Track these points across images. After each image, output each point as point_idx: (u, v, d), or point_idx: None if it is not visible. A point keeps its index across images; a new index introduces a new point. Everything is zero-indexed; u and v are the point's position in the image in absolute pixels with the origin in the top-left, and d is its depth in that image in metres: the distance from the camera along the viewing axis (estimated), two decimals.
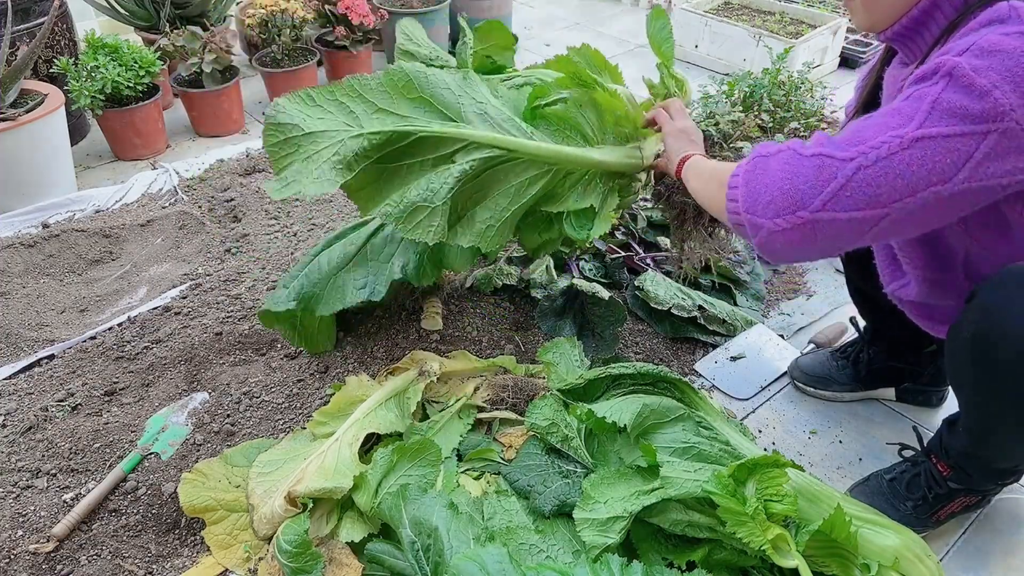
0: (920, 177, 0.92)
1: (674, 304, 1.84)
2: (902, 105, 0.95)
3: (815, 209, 0.95)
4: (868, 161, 0.93)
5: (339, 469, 1.35)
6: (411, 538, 1.21)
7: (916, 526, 1.34)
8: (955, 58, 0.92)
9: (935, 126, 0.91)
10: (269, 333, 1.86)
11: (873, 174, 0.93)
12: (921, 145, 0.91)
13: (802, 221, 0.96)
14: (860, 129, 0.97)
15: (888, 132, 0.93)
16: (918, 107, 0.93)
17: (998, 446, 1.22)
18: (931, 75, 0.94)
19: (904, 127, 0.92)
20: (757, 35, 3.21)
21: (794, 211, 0.96)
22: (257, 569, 1.31)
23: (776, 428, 1.65)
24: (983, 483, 1.33)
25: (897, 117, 0.94)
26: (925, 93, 0.93)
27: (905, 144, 0.91)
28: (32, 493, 1.46)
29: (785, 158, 1.00)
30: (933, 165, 0.91)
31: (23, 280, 2.11)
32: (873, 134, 0.94)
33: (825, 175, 0.95)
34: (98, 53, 2.58)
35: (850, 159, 0.93)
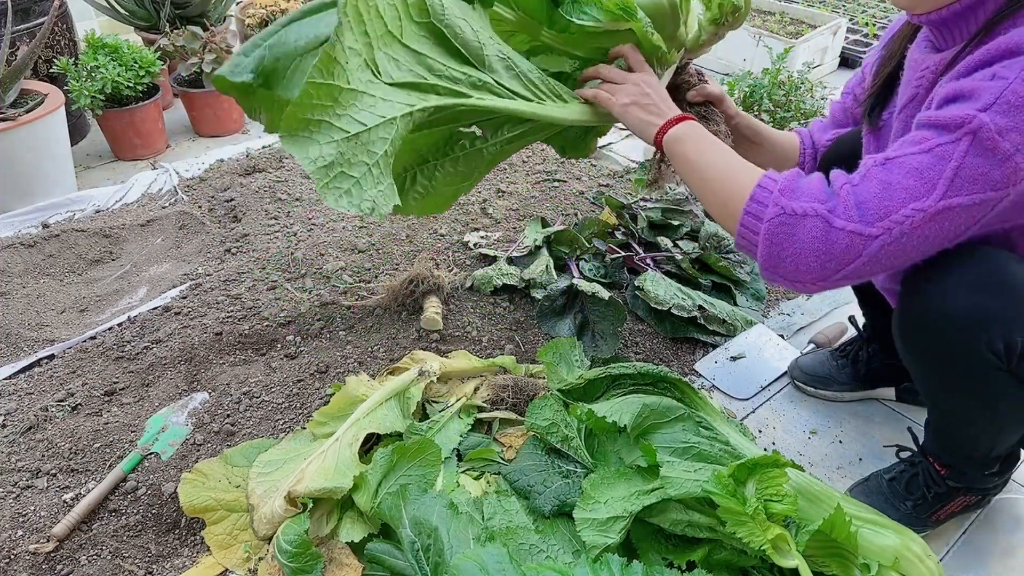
0: (935, 243, 0.99)
1: (674, 304, 1.84)
2: (924, 163, 0.96)
3: (836, 280, 1.02)
4: (891, 238, 0.97)
5: (339, 469, 1.35)
6: (411, 538, 1.21)
7: (916, 526, 1.34)
8: (981, 114, 0.92)
9: (956, 196, 0.94)
10: (269, 333, 1.86)
11: (896, 248, 0.98)
12: (941, 217, 0.96)
13: (821, 287, 1.04)
14: (884, 190, 0.98)
15: (912, 203, 0.96)
16: (941, 171, 0.95)
17: (957, 429, 1.25)
18: (955, 128, 0.95)
19: (927, 197, 0.95)
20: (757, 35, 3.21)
21: (815, 281, 1.02)
22: (257, 569, 1.31)
23: (776, 428, 1.65)
24: (977, 478, 1.34)
25: (919, 181, 0.96)
26: (948, 153, 0.95)
27: (927, 218, 0.96)
28: (32, 493, 1.46)
29: (815, 230, 1.00)
30: (949, 230, 0.97)
31: (23, 280, 2.11)
32: (898, 203, 0.97)
33: (852, 253, 0.99)
34: (98, 53, 2.58)
35: (876, 236, 0.97)
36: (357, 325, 1.89)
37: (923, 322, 1.12)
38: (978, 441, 1.25)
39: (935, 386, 1.21)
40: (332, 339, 1.85)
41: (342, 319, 1.91)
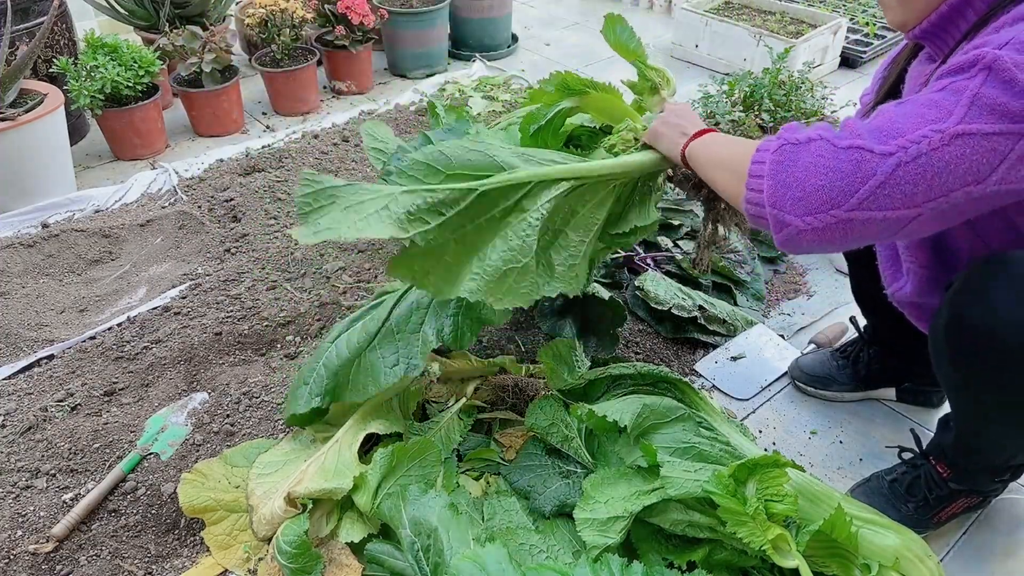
0: (957, 176, 0.89)
1: (674, 304, 1.84)
2: (938, 97, 0.91)
3: (850, 208, 0.91)
4: (908, 157, 0.89)
5: (339, 470, 1.35)
6: (411, 539, 1.21)
7: (917, 527, 1.34)
8: (996, 51, 0.88)
9: (975, 122, 0.88)
10: (269, 333, 1.86)
11: (912, 171, 0.89)
12: (960, 142, 0.88)
13: (835, 220, 0.92)
14: (896, 117, 0.92)
15: (927, 126, 0.89)
16: (957, 100, 0.89)
17: (986, 439, 1.23)
18: (969, 67, 0.90)
19: (944, 121, 0.88)
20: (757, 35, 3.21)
21: (827, 210, 0.91)
22: (257, 569, 1.31)
23: (776, 428, 1.65)
24: (983, 482, 1.33)
25: (935, 110, 0.90)
26: (964, 86, 0.90)
27: (946, 140, 0.88)
28: (32, 493, 1.45)
29: (818, 149, 0.93)
30: (970, 164, 0.88)
31: (23, 280, 2.11)
32: (912, 125, 0.90)
33: (863, 171, 0.90)
34: (98, 53, 2.58)
35: (889, 154, 0.89)
36: None
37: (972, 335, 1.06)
38: (1005, 452, 1.25)
39: (976, 399, 1.16)
40: None
41: (342, 319, 1.90)
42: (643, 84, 1.49)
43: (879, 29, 3.62)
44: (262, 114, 3.14)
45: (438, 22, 3.39)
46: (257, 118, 3.10)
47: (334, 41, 3.14)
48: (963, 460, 1.31)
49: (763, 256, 2.14)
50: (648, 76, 1.47)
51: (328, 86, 3.32)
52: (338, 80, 3.27)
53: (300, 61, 3.04)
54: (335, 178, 1.10)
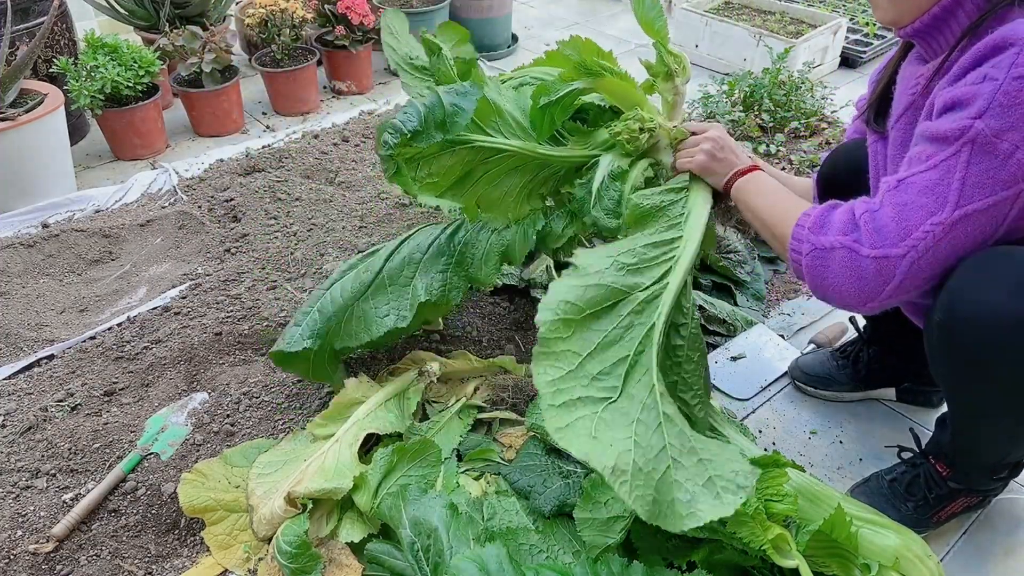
0: (965, 248, 1.03)
1: None
2: (931, 180, 1.01)
3: (883, 299, 1.06)
4: (918, 254, 1.02)
5: (339, 470, 1.35)
6: (411, 538, 1.21)
7: (917, 527, 1.34)
8: (977, 122, 0.97)
9: (969, 203, 0.99)
10: (269, 333, 1.86)
11: (926, 262, 1.03)
12: (961, 224, 1.00)
13: (871, 308, 1.09)
14: (899, 212, 1.03)
15: (928, 220, 1.01)
16: (949, 184, 1.00)
17: (982, 435, 1.23)
18: (954, 140, 0.99)
19: (941, 212, 1.00)
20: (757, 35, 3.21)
21: (864, 304, 1.08)
22: (257, 569, 1.31)
23: (776, 428, 1.65)
24: (982, 481, 1.33)
25: (931, 198, 1.01)
26: (952, 165, 0.99)
27: (947, 229, 1.00)
28: (32, 493, 1.45)
29: (845, 260, 1.07)
30: (975, 234, 1.02)
31: (23, 280, 2.11)
32: (916, 222, 1.02)
33: (884, 276, 1.04)
34: (98, 53, 2.58)
35: (903, 256, 1.02)
36: None
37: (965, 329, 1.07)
38: (1001, 448, 1.25)
39: (971, 395, 1.17)
40: None
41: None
42: (660, 67, 1.48)
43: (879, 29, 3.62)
44: (262, 114, 3.14)
45: (438, 22, 3.38)
46: (257, 118, 3.10)
47: (334, 41, 3.14)
48: (961, 458, 1.31)
49: (763, 256, 2.14)
50: (666, 60, 1.46)
51: (328, 86, 3.32)
52: (338, 80, 3.27)
53: (300, 61, 3.04)
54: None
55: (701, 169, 1.37)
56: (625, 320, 1.12)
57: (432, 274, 1.53)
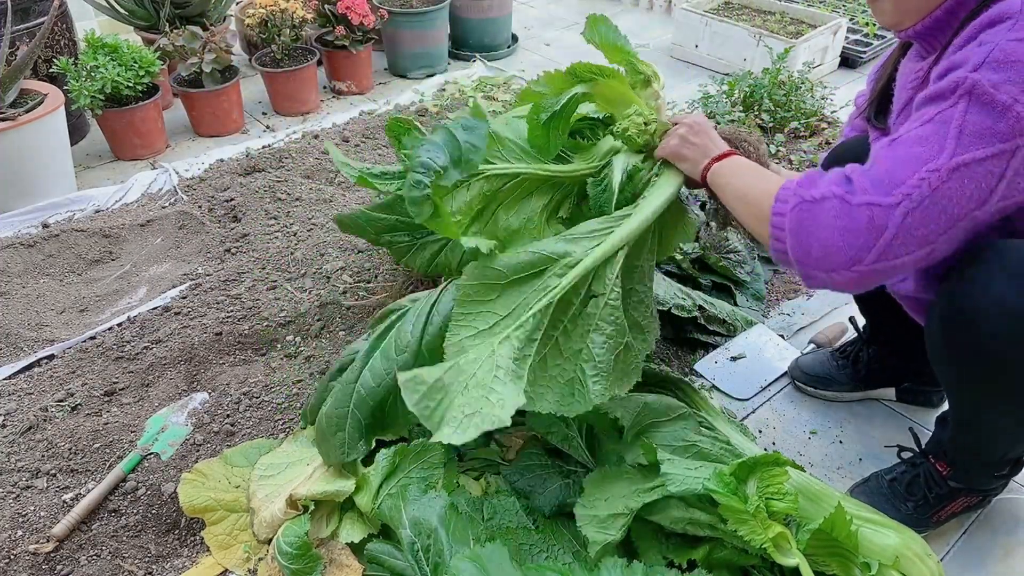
0: (961, 206, 0.96)
1: (674, 304, 1.84)
2: (927, 131, 0.97)
3: (871, 262, 0.98)
4: (913, 203, 0.96)
5: (341, 472, 1.35)
6: (411, 539, 1.21)
7: (917, 526, 1.34)
8: (972, 74, 0.94)
9: (966, 151, 0.94)
10: (269, 333, 1.86)
11: (920, 216, 0.96)
12: (958, 174, 0.94)
13: (859, 274, 1.00)
14: (893, 164, 0.98)
15: (923, 167, 0.96)
16: (945, 133, 0.95)
17: (982, 431, 1.23)
18: (950, 94, 0.96)
19: (937, 159, 0.95)
20: (757, 35, 3.21)
21: (850, 267, 0.99)
22: (257, 569, 1.31)
23: (776, 428, 1.65)
24: (982, 480, 1.33)
25: (926, 147, 0.96)
26: (949, 116, 0.96)
27: (943, 177, 0.95)
28: (32, 493, 1.45)
29: (834, 209, 1.00)
30: (971, 191, 0.95)
31: (23, 280, 2.11)
32: (910, 170, 0.96)
33: (876, 226, 0.97)
34: (98, 53, 2.58)
35: (896, 204, 0.96)
36: (357, 325, 1.89)
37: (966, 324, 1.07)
38: (1002, 445, 1.25)
39: (971, 390, 1.17)
40: (332, 339, 1.84)
41: (342, 319, 1.91)
42: (635, 78, 1.48)
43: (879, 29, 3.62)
44: (262, 114, 3.14)
45: (438, 22, 3.39)
46: (257, 118, 3.10)
47: (334, 41, 3.14)
48: (961, 456, 1.31)
49: (763, 256, 2.14)
50: (640, 69, 1.46)
51: (328, 86, 3.32)
52: (338, 80, 3.27)
53: (300, 61, 3.04)
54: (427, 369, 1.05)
55: (673, 154, 1.33)
56: (544, 283, 1.17)
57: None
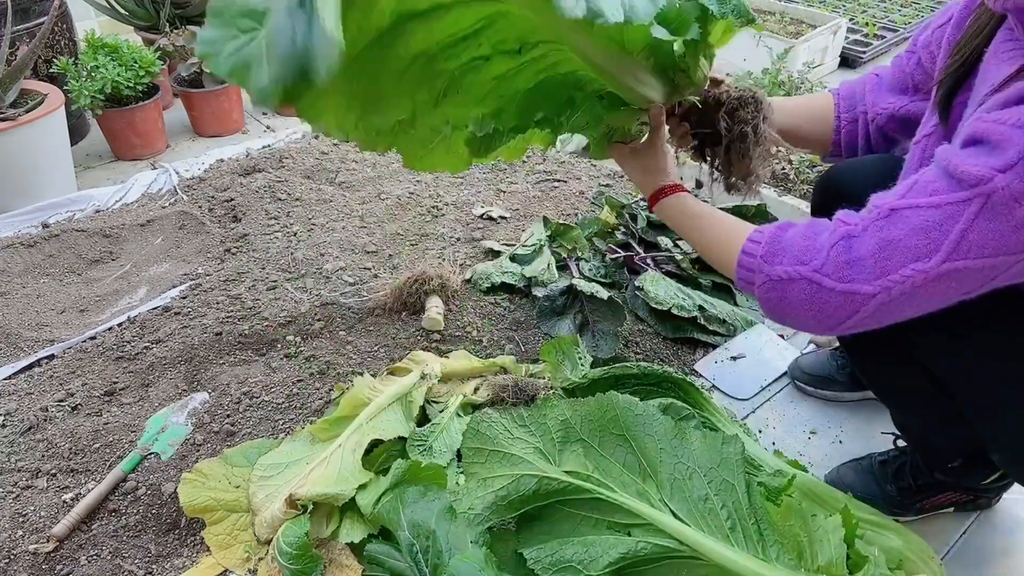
0: (941, 300, 0.92)
1: (674, 304, 1.84)
2: (931, 220, 0.88)
3: (844, 329, 0.97)
4: (890, 297, 0.91)
5: (342, 475, 1.35)
6: (409, 540, 1.21)
7: (898, 509, 1.38)
8: (999, 177, 0.83)
9: (961, 259, 0.87)
10: (269, 333, 1.86)
11: (895, 307, 0.92)
12: (945, 279, 0.88)
13: (833, 334, 1.06)
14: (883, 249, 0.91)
15: (911, 264, 0.89)
16: (947, 233, 0.87)
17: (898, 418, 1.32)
18: (968, 186, 0.86)
19: (929, 259, 0.88)
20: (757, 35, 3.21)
21: (824, 333, 1.05)
22: (257, 569, 1.31)
23: (776, 428, 1.65)
24: (960, 476, 1.34)
25: (922, 241, 0.88)
26: (958, 214, 0.86)
27: (930, 280, 0.89)
28: (32, 493, 1.45)
29: (803, 292, 0.96)
30: (955, 291, 0.90)
31: (23, 280, 2.11)
32: (896, 264, 0.90)
33: (849, 309, 0.94)
34: (98, 53, 2.58)
35: (873, 295, 0.92)
36: (357, 325, 1.89)
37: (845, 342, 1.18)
38: (920, 432, 1.29)
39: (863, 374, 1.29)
40: (332, 339, 1.84)
41: (342, 319, 1.91)
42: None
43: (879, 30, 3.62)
44: (262, 114, 3.14)
45: None
46: (257, 118, 3.10)
47: None
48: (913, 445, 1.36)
49: None
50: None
51: None
52: None
53: None
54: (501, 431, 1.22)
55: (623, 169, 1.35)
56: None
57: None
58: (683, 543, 1.12)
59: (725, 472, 1.17)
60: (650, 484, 1.19)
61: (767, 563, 1.09)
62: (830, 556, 1.08)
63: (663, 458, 1.20)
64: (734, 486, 1.16)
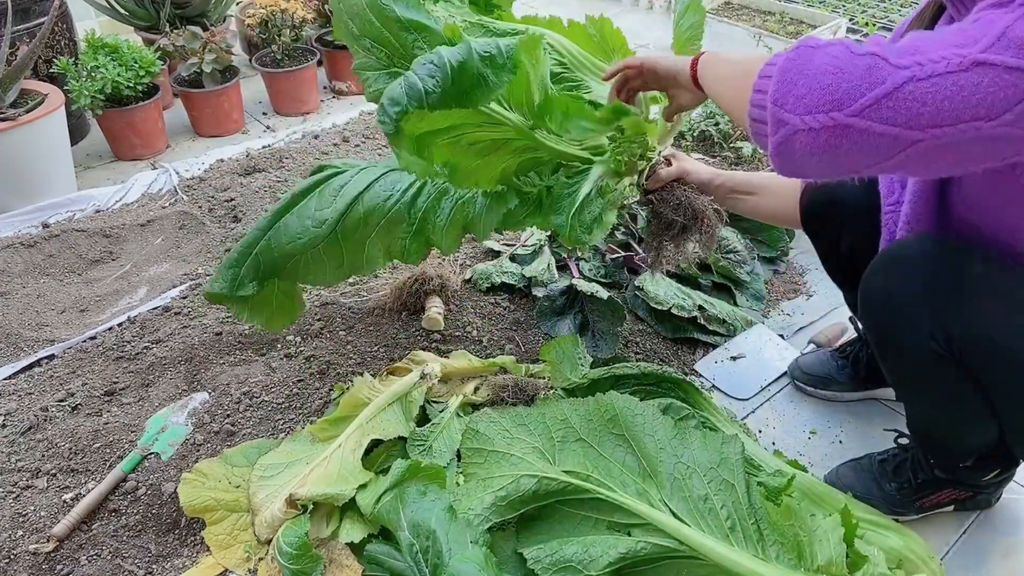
0: (968, 105, 0.83)
1: (674, 304, 1.84)
2: (969, 27, 0.85)
3: (852, 113, 0.85)
4: (922, 73, 0.83)
5: (342, 475, 1.35)
6: (409, 540, 1.21)
7: (897, 507, 1.38)
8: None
9: (1000, 54, 0.81)
10: (269, 333, 1.86)
11: (922, 89, 0.83)
12: (979, 71, 0.82)
13: (834, 123, 0.86)
14: (920, 40, 0.87)
15: (949, 48, 0.83)
16: (986, 31, 0.83)
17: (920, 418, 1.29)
18: (1008, 2, 0.84)
19: (967, 47, 0.83)
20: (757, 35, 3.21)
21: (829, 111, 0.86)
22: (257, 569, 1.31)
23: (776, 428, 1.65)
24: (959, 471, 1.34)
25: (961, 36, 0.84)
26: (997, 19, 0.84)
27: (964, 65, 0.82)
28: (32, 493, 1.45)
29: (835, 53, 0.88)
30: (985, 95, 0.82)
31: (23, 280, 2.11)
32: (934, 48, 0.84)
33: (873, 77, 0.84)
34: (98, 53, 2.58)
35: (904, 67, 0.83)
36: (357, 325, 1.89)
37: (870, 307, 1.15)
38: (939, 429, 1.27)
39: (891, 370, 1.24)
40: (332, 339, 1.84)
41: (342, 319, 1.91)
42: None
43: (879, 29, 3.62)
44: (262, 114, 3.14)
45: None
46: (257, 118, 3.10)
47: (334, 41, 3.14)
48: (919, 442, 1.35)
49: (763, 256, 2.14)
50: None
51: (328, 86, 3.32)
52: (338, 80, 3.27)
53: (300, 61, 3.04)
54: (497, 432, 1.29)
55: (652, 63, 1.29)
56: None
57: (392, 238, 1.51)
58: (683, 543, 1.12)
59: (725, 472, 1.17)
60: (650, 484, 1.19)
61: (767, 563, 1.09)
62: (829, 555, 1.08)
63: (663, 458, 1.20)
64: (734, 486, 1.16)
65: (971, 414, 1.19)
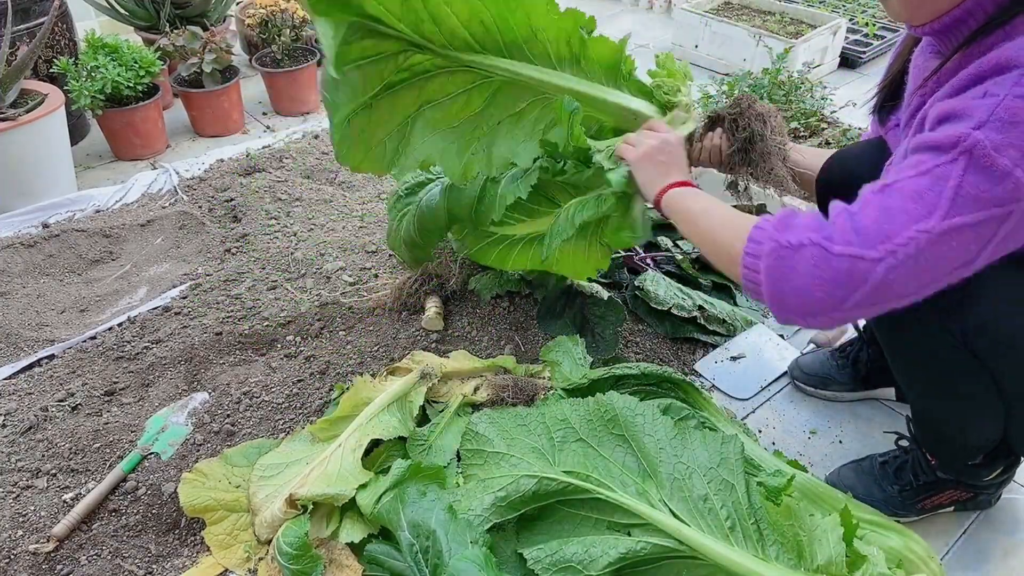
0: (946, 265, 0.94)
1: (674, 304, 1.84)
2: (922, 185, 0.93)
3: (848, 309, 0.96)
4: (897, 261, 0.92)
5: (342, 475, 1.35)
6: (409, 540, 1.21)
7: (900, 509, 1.38)
8: (976, 132, 0.90)
9: (959, 215, 0.91)
10: (269, 333, 1.86)
11: (902, 273, 0.93)
12: (946, 238, 0.92)
13: (836, 319, 0.99)
14: (882, 216, 0.95)
15: (913, 225, 0.92)
16: (940, 192, 0.92)
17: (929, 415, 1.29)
18: (950, 148, 0.92)
19: (929, 219, 0.92)
20: (757, 35, 3.21)
21: (829, 312, 0.98)
22: (257, 569, 1.31)
23: (776, 428, 1.65)
24: (964, 471, 1.34)
25: (919, 204, 0.93)
26: (946, 173, 0.92)
27: (933, 239, 0.92)
28: (32, 493, 1.45)
29: (812, 258, 0.97)
30: (958, 253, 0.93)
31: (23, 280, 2.11)
32: (899, 226, 0.93)
33: (856, 279, 0.94)
34: (98, 53, 2.58)
35: (880, 259, 0.93)
36: (357, 325, 1.89)
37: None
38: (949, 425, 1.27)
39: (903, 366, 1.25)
40: (332, 339, 1.85)
41: (342, 319, 1.91)
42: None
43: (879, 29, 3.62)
44: (262, 114, 3.14)
45: None
46: (257, 118, 3.10)
47: None
48: (927, 442, 1.35)
49: None
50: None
51: None
52: None
53: (300, 61, 3.04)
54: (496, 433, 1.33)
55: (635, 164, 1.33)
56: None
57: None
58: (683, 543, 1.12)
59: (725, 472, 1.17)
60: (650, 484, 1.19)
61: (766, 562, 1.09)
62: (829, 555, 1.08)
63: (663, 458, 1.20)
64: (734, 486, 1.15)
65: (981, 407, 1.19)
